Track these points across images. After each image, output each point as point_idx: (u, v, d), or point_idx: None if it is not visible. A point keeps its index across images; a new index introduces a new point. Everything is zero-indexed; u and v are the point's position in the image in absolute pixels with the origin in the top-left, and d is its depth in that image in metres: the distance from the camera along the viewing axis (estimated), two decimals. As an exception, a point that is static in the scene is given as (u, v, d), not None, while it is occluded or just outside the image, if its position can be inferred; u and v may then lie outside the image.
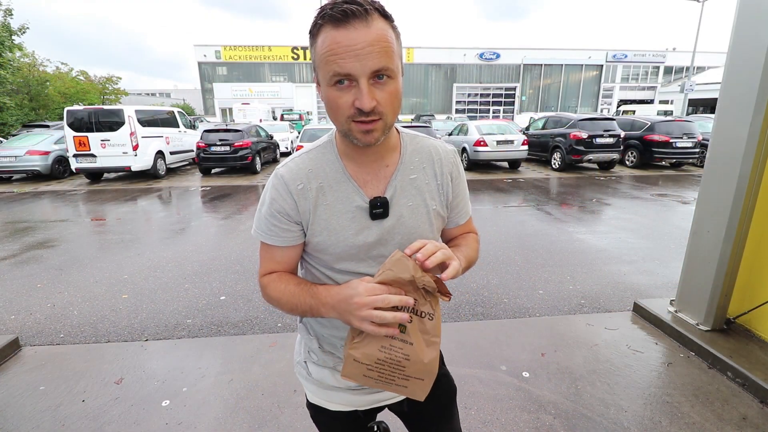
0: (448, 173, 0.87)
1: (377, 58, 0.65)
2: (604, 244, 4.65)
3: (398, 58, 0.70)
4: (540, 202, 7.04)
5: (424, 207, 0.84)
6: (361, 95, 0.66)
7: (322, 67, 0.68)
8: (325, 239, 0.80)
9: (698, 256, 2.61)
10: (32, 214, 6.57)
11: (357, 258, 0.81)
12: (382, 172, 0.81)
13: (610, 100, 41.36)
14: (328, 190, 0.80)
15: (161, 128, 10.53)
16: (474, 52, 41.15)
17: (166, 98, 46.40)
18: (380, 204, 0.79)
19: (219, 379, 2.31)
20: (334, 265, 0.82)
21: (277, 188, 0.80)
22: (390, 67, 0.67)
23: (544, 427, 1.92)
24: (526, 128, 13.37)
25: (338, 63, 0.65)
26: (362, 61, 0.64)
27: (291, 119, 23.58)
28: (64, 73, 22.02)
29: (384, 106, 0.69)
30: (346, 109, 0.68)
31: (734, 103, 2.35)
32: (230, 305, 3.27)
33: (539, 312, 3.10)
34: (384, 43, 0.66)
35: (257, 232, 0.83)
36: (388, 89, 0.68)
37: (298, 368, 0.98)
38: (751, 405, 2.03)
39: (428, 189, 0.85)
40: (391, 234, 0.81)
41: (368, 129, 0.69)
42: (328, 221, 0.80)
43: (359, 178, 0.80)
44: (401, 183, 0.82)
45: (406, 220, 0.82)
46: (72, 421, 1.98)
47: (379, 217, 0.80)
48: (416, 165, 0.84)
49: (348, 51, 0.64)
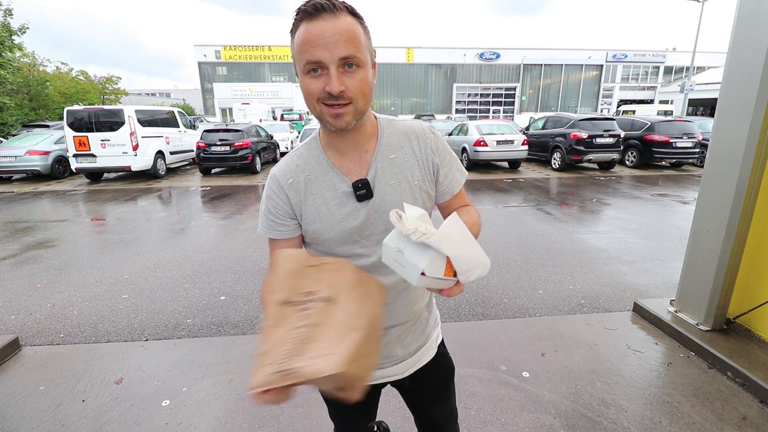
0: (427, 148, 0.91)
1: (344, 46, 0.72)
2: (604, 244, 4.65)
3: (366, 50, 0.77)
4: (540, 202, 7.04)
5: (407, 183, 0.88)
6: (330, 80, 0.72)
7: (298, 57, 0.75)
8: (318, 227, 0.87)
9: (698, 256, 2.61)
10: (32, 214, 6.57)
11: (351, 240, 0.87)
12: (363, 158, 0.87)
13: (610, 100, 41.37)
14: (315, 180, 0.87)
15: (161, 128, 10.52)
16: (474, 52, 41.16)
17: (166, 98, 46.39)
18: (362, 185, 0.85)
19: (219, 379, 2.31)
20: (331, 250, 0.89)
21: (271, 186, 0.89)
22: (357, 56, 0.73)
23: (544, 427, 1.92)
24: (526, 128, 13.36)
25: (310, 52, 0.72)
26: (331, 50, 0.71)
27: (291, 119, 23.58)
28: (64, 73, 22.01)
29: (353, 92, 0.75)
30: (317, 93, 0.74)
31: (734, 103, 2.35)
32: (230, 305, 3.27)
33: (539, 312, 3.10)
34: (351, 33, 0.73)
35: (260, 227, 0.92)
36: (357, 77, 0.75)
37: None
38: (751, 405, 2.03)
39: (408, 165, 0.89)
40: (377, 213, 0.86)
41: (338, 113, 0.76)
42: (318, 209, 0.87)
43: (342, 167, 0.87)
44: (381, 164, 0.87)
45: (390, 198, 0.86)
46: (72, 421, 1.98)
47: (364, 198, 0.85)
48: (394, 145, 0.89)
49: (318, 40, 0.71)
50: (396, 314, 0.93)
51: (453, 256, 0.65)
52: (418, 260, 0.65)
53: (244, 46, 40.23)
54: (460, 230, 0.67)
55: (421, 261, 0.64)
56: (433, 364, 1.06)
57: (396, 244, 0.69)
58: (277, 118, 24.18)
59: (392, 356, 0.97)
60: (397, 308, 0.93)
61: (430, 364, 1.05)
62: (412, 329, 0.98)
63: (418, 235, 0.64)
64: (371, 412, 1.12)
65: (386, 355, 0.96)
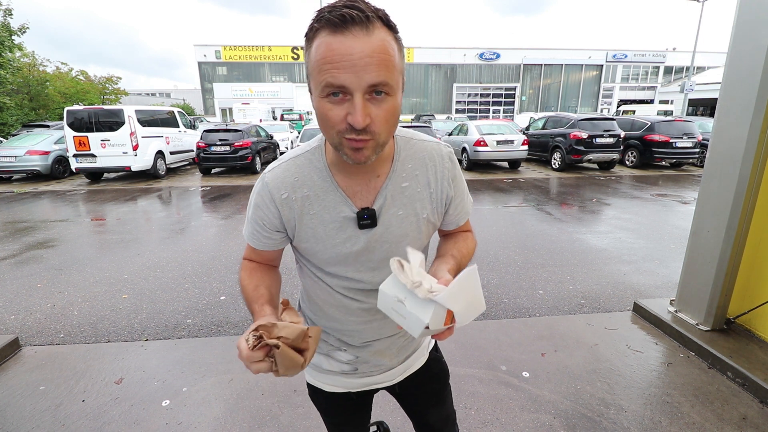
0: (444, 179, 0.84)
1: (375, 71, 0.60)
2: (604, 244, 4.65)
3: (399, 73, 0.65)
4: (540, 202, 7.04)
5: (414, 216, 0.81)
6: (355, 111, 0.61)
7: (315, 75, 0.63)
8: (312, 246, 0.80)
9: (698, 256, 2.61)
10: (32, 214, 6.57)
11: (345, 263, 0.81)
12: (373, 183, 0.78)
13: (610, 100, 41.36)
14: (315, 199, 0.78)
15: (161, 128, 10.52)
16: (474, 52, 41.16)
17: (166, 98, 46.40)
18: (367, 216, 0.77)
19: (219, 379, 2.31)
20: (323, 268, 0.83)
21: (262, 195, 0.80)
22: (389, 83, 0.62)
23: (544, 427, 1.92)
24: (526, 128, 13.36)
25: (332, 73, 0.59)
26: (359, 74, 0.59)
27: (291, 119, 23.59)
28: (63, 73, 22.01)
29: (378, 125, 0.64)
30: (338, 124, 0.63)
31: (734, 103, 2.35)
32: (230, 305, 3.27)
33: (539, 312, 3.10)
34: (384, 55, 0.60)
35: (245, 233, 0.86)
36: (385, 107, 0.63)
37: None
38: (751, 405, 2.03)
39: (419, 197, 0.82)
40: (379, 242, 0.80)
41: (358, 147, 0.65)
42: (315, 230, 0.79)
43: (348, 189, 0.78)
44: (392, 192, 0.79)
45: (394, 229, 0.80)
46: (72, 421, 1.98)
47: (367, 227, 0.78)
48: (408, 172, 0.81)
49: (343, 61, 0.59)
50: (385, 329, 0.90)
51: (457, 310, 0.62)
52: (422, 314, 0.62)
53: (244, 46, 40.21)
54: (470, 285, 0.63)
55: (425, 315, 0.61)
56: (425, 370, 1.02)
57: (395, 293, 0.65)
58: (277, 118, 24.19)
59: (381, 365, 0.94)
60: (387, 324, 0.88)
61: (422, 369, 1.02)
62: (402, 340, 0.95)
63: (424, 293, 0.61)
64: (364, 419, 1.09)
65: (375, 364, 0.94)
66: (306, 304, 0.95)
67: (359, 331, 0.89)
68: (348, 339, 0.91)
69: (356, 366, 0.93)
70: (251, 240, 0.84)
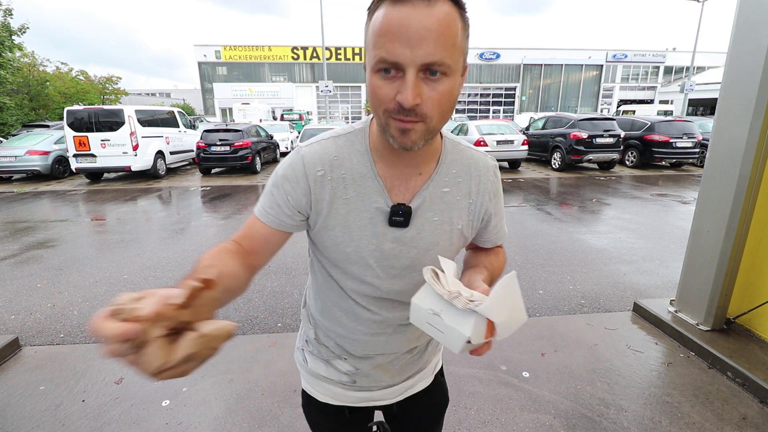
0: (486, 192, 0.79)
1: (432, 47, 0.54)
2: (604, 244, 4.65)
3: (460, 53, 0.59)
4: (540, 202, 7.04)
5: (449, 224, 0.76)
6: (405, 89, 0.56)
7: (370, 49, 0.58)
8: (338, 235, 0.73)
9: (698, 256, 2.61)
10: (32, 214, 6.57)
11: (366, 263, 0.74)
12: (413, 180, 0.73)
13: (610, 100, 41.36)
14: (351, 183, 0.71)
15: (161, 128, 10.52)
16: (474, 52, 41.11)
17: (166, 98, 46.40)
18: (402, 212, 0.71)
19: (219, 379, 2.31)
20: (340, 265, 0.76)
21: (294, 167, 0.71)
22: (446, 62, 0.56)
23: (544, 427, 1.92)
24: (526, 128, 13.36)
25: (386, 47, 0.55)
26: (413, 49, 0.54)
27: (291, 119, 23.60)
28: (63, 73, 22.01)
29: (429, 107, 0.58)
30: (387, 102, 0.59)
31: (734, 103, 2.35)
32: (230, 305, 3.27)
33: (539, 312, 3.10)
34: (445, 30, 0.55)
35: (259, 208, 0.74)
36: (440, 88, 0.58)
37: (297, 354, 0.96)
38: (751, 405, 2.03)
39: (458, 206, 0.76)
40: (407, 246, 0.74)
41: (406, 128, 0.60)
42: (346, 217, 0.72)
43: (387, 179, 0.72)
44: (431, 195, 0.73)
45: (426, 235, 0.74)
46: (72, 421, 1.98)
47: (397, 225, 0.72)
48: (451, 178, 0.75)
49: (399, 34, 0.54)
50: (392, 345, 0.84)
51: (499, 322, 0.57)
52: (462, 327, 0.57)
53: (244, 46, 40.20)
54: (511, 293, 0.58)
55: (466, 328, 0.56)
56: (427, 393, 0.95)
57: (430, 305, 0.60)
58: (277, 118, 24.20)
59: (381, 381, 0.87)
60: (394, 341, 0.83)
61: (424, 392, 0.94)
62: (407, 357, 0.88)
63: (463, 302, 0.57)
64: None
65: (375, 379, 0.87)
66: (313, 302, 0.88)
67: (364, 342, 0.83)
68: (350, 348, 0.85)
69: (355, 378, 0.87)
70: (263, 214, 0.72)
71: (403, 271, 0.75)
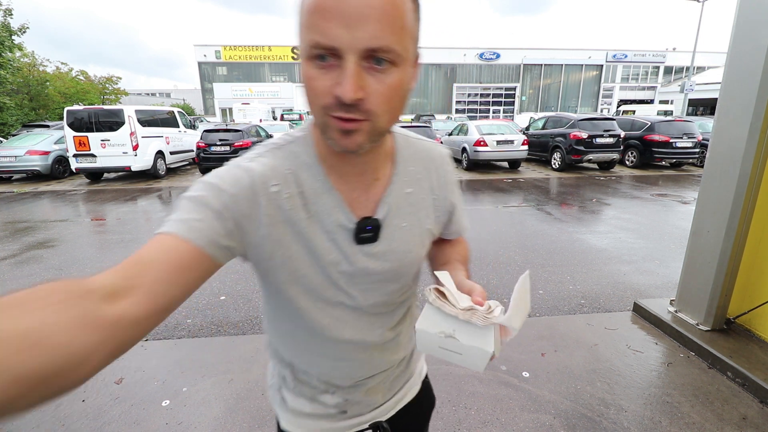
0: (447, 183, 0.73)
1: (377, 29, 0.45)
2: (604, 244, 4.65)
3: (411, 39, 0.50)
4: (540, 202, 7.04)
5: (419, 227, 0.69)
6: (344, 79, 0.46)
7: (303, 31, 0.49)
8: (298, 266, 0.60)
9: (698, 256, 2.61)
10: (32, 214, 6.57)
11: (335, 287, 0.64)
12: (373, 188, 0.64)
13: (610, 100, 41.37)
14: (308, 201, 0.60)
15: (161, 128, 10.53)
16: (474, 52, 41.16)
17: (166, 98, 46.42)
18: (370, 227, 0.62)
19: (219, 379, 2.31)
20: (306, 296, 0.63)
21: (240, 183, 0.55)
22: (394, 48, 0.47)
23: (544, 427, 1.92)
24: (526, 128, 13.37)
25: (320, 28, 0.46)
26: (353, 31, 0.45)
27: (291, 119, 23.58)
28: (63, 73, 22.03)
29: (375, 103, 0.49)
30: (323, 96, 0.49)
31: (734, 103, 2.35)
32: (230, 305, 3.27)
33: (539, 312, 3.10)
34: (392, 8, 0.46)
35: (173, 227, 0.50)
36: (388, 80, 0.49)
37: (272, 393, 0.84)
38: (751, 405, 2.03)
39: (424, 205, 0.70)
40: (380, 260, 0.65)
41: (348, 129, 0.50)
42: (309, 242, 0.60)
43: (344, 192, 0.62)
44: (395, 200, 0.65)
45: (397, 245, 0.66)
46: (72, 421, 1.98)
47: (365, 242, 0.63)
48: (411, 176, 0.68)
49: (334, 11, 0.45)
50: (383, 362, 0.76)
51: (517, 327, 0.53)
52: (484, 344, 0.53)
53: (244, 46, 40.23)
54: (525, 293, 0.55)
55: (488, 344, 0.53)
56: (416, 401, 0.88)
57: (440, 328, 0.55)
58: (277, 118, 24.20)
59: (372, 403, 0.80)
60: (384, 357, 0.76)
61: (413, 400, 0.87)
62: (397, 370, 0.82)
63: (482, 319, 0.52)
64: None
65: (367, 403, 0.79)
66: (279, 341, 0.75)
67: (352, 370, 0.73)
68: (337, 381, 0.74)
69: (345, 408, 0.77)
70: (186, 227, 0.49)
71: (377, 285, 0.67)
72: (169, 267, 0.46)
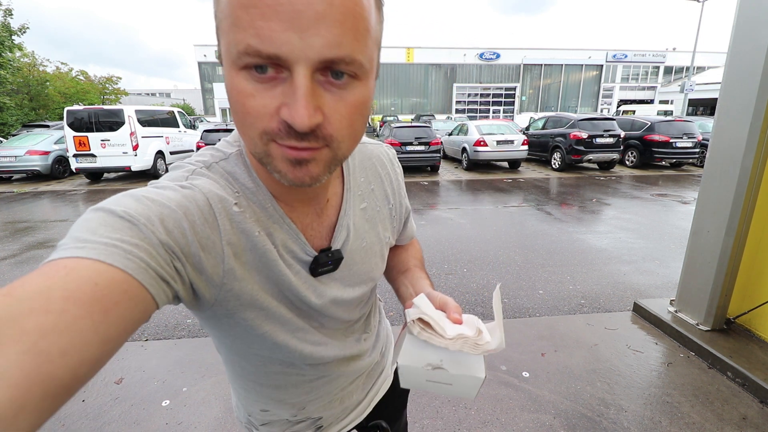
0: (399, 187, 0.68)
1: (335, 32, 0.35)
2: (604, 244, 4.65)
3: (374, 45, 0.40)
4: (540, 202, 7.04)
5: (378, 243, 0.63)
6: (294, 101, 0.36)
7: (228, 30, 0.36)
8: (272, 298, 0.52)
9: (698, 256, 2.61)
10: (32, 214, 6.57)
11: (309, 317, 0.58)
12: (326, 212, 0.56)
13: (610, 100, 41.38)
14: (262, 230, 0.49)
15: (161, 128, 10.53)
16: (474, 52, 41.15)
17: (166, 98, 46.42)
18: (331, 261, 0.55)
19: (219, 379, 2.30)
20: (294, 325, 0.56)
21: (192, 198, 0.43)
22: (357, 59, 0.37)
23: (544, 427, 1.92)
24: (526, 128, 13.37)
25: (258, 29, 0.34)
26: (305, 34, 0.34)
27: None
28: (63, 73, 22.03)
29: (336, 128, 0.39)
30: (264, 120, 0.38)
31: (734, 103, 2.35)
32: (230, 305, 3.27)
33: (539, 312, 3.10)
34: (355, 8, 0.36)
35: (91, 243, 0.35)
36: (350, 99, 0.39)
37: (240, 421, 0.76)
38: (751, 405, 2.03)
39: (380, 217, 0.63)
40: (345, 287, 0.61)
41: (302, 157, 0.39)
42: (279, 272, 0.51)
43: (296, 219, 0.52)
44: (353, 221, 0.58)
45: (358, 267, 0.60)
46: (72, 421, 1.98)
47: (324, 273, 0.56)
48: (364, 189, 0.61)
49: (280, 9, 0.33)
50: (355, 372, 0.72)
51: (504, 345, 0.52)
52: (475, 370, 0.51)
53: (244, 46, 40.25)
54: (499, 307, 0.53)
55: (479, 370, 0.51)
56: (390, 394, 0.84)
57: (425, 360, 0.51)
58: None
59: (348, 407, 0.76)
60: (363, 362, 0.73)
61: (388, 393, 0.84)
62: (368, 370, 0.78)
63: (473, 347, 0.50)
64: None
65: (342, 409, 0.74)
66: (243, 392, 0.68)
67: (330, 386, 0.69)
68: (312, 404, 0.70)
69: (320, 424, 0.73)
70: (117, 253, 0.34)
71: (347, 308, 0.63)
72: (77, 305, 0.30)
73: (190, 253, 0.41)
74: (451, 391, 0.52)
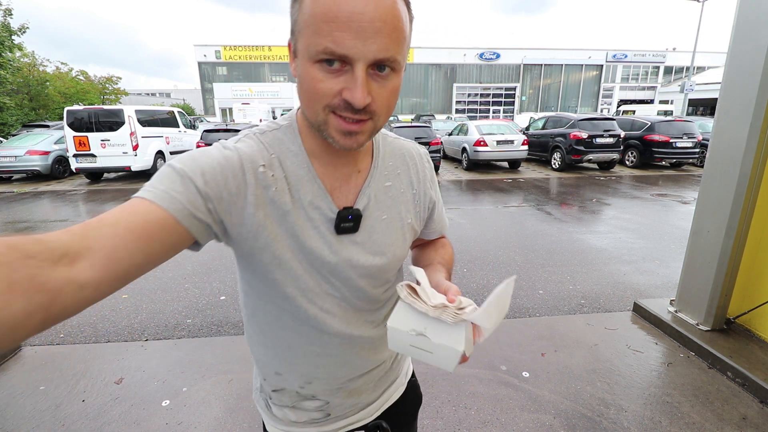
0: (426, 179, 0.75)
1: (386, 42, 0.50)
2: (604, 244, 4.65)
3: (407, 49, 0.55)
4: (540, 202, 7.04)
5: (399, 221, 0.70)
6: (355, 87, 0.51)
7: (309, 35, 0.51)
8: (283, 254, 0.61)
9: (698, 256, 2.61)
10: (32, 214, 6.57)
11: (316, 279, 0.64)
12: (354, 179, 0.66)
13: (610, 100, 41.38)
14: (291, 187, 0.61)
15: (161, 128, 10.54)
16: (474, 52, 41.17)
17: (166, 98, 46.43)
18: (352, 217, 0.64)
19: (219, 379, 2.30)
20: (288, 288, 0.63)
21: (228, 159, 0.56)
22: (397, 58, 0.52)
23: (544, 427, 1.92)
24: (526, 128, 13.37)
25: (334, 37, 0.48)
26: (366, 42, 0.49)
27: (291, 119, 23.61)
28: (63, 73, 22.03)
29: (379, 106, 0.54)
30: (329, 97, 0.52)
31: (734, 103, 2.35)
32: (230, 305, 3.27)
33: (539, 312, 3.10)
34: (397, 22, 0.51)
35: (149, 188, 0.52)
36: (389, 86, 0.54)
37: (256, 396, 0.83)
38: (751, 405, 2.03)
39: (403, 199, 0.71)
40: (360, 253, 0.67)
41: (352, 130, 0.54)
42: (293, 228, 0.60)
43: (326, 180, 0.63)
44: (375, 192, 0.67)
45: (378, 237, 0.67)
46: (72, 421, 1.98)
47: (346, 232, 0.64)
48: (390, 171, 0.70)
49: (350, 24, 0.48)
50: (365, 363, 0.75)
51: (489, 328, 0.53)
52: (455, 342, 0.52)
53: (244, 46, 40.24)
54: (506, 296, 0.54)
55: (458, 342, 0.52)
56: (402, 400, 0.88)
57: (411, 326, 0.54)
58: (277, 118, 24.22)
59: (357, 404, 0.79)
60: (369, 358, 0.75)
61: (399, 400, 0.87)
62: (380, 371, 0.81)
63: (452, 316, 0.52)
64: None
65: (350, 404, 0.78)
66: (261, 340, 0.73)
67: (335, 369, 0.73)
68: (319, 385, 0.73)
69: (328, 411, 0.77)
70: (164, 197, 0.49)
71: (361, 278, 0.68)
72: (134, 231, 0.46)
73: (221, 198, 0.54)
74: (432, 360, 0.55)
